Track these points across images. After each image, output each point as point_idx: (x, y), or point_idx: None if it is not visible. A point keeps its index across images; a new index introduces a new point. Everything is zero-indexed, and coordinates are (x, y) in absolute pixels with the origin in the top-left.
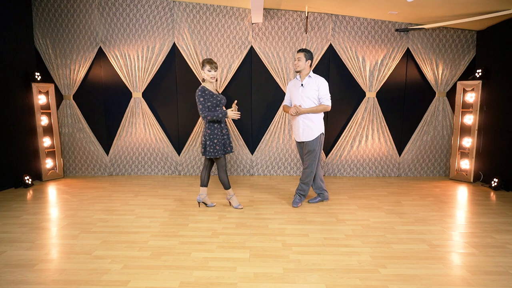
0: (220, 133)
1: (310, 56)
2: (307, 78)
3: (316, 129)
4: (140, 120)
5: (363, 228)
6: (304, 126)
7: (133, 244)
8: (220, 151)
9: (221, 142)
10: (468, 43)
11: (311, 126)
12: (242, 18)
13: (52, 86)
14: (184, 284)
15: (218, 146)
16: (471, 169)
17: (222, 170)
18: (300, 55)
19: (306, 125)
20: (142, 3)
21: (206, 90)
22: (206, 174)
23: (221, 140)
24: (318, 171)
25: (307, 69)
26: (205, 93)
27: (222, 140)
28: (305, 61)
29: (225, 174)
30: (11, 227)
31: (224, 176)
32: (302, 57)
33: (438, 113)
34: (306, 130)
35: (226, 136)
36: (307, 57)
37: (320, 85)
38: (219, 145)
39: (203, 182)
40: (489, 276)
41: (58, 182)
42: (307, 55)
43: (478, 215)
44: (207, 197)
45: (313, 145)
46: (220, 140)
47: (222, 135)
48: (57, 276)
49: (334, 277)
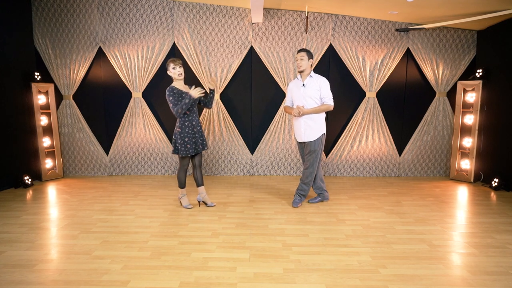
0: (191, 132)
1: (311, 56)
2: (309, 78)
3: (318, 129)
4: (140, 120)
5: (363, 228)
6: (306, 126)
7: (133, 244)
8: (191, 150)
9: (192, 140)
10: (469, 43)
11: (313, 127)
12: (242, 18)
13: (52, 86)
14: (184, 284)
15: (189, 145)
16: (471, 169)
17: (182, 169)
18: (302, 55)
19: (308, 125)
20: (142, 3)
21: (174, 89)
22: (198, 173)
23: (192, 139)
24: (318, 171)
25: (308, 68)
26: (174, 92)
27: (193, 138)
28: (307, 60)
29: (183, 173)
30: (10, 227)
31: (182, 175)
32: (304, 57)
33: (439, 113)
34: (308, 130)
35: (199, 134)
36: (309, 56)
37: (322, 84)
38: (190, 143)
39: (197, 181)
40: (489, 276)
41: (58, 182)
42: (309, 54)
43: (478, 215)
44: (206, 195)
45: (315, 145)
46: (191, 138)
47: (193, 133)
48: (57, 276)
49: (334, 277)
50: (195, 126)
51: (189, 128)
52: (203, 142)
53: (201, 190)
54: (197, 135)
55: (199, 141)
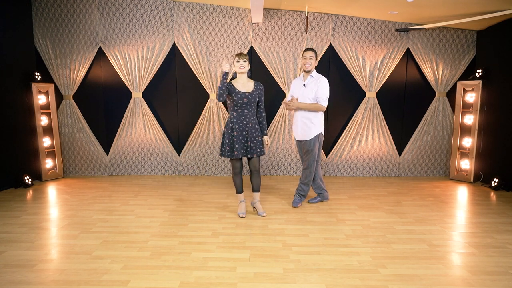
0: (230, 133)
1: (316, 55)
2: (309, 78)
3: (314, 129)
4: (140, 120)
5: (363, 228)
6: (303, 124)
7: (133, 244)
8: (229, 152)
9: (231, 142)
10: (468, 43)
11: (309, 126)
12: (242, 18)
13: (52, 86)
14: (184, 284)
15: (229, 147)
16: (471, 169)
17: (233, 172)
18: (312, 55)
19: (304, 124)
20: (142, 3)
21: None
22: (252, 178)
23: (231, 141)
24: (317, 171)
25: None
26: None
27: (231, 141)
28: (315, 60)
29: (235, 177)
30: (11, 227)
31: (235, 179)
32: (314, 57)
33: (438, 113)
34: (304, 129)
35: (238, 139)
36: (316, 56)
37: (320, 84)
38: (229, 145)
39: (251, 187)
40: (489, 276)
41: (58, 182)
42: (316, 54)
43: (478, 215)
44: (258, 203)
45: (311, 144)
46: (230, 140)
47: (232, 136)
48: (57, 276)
49: (334, 277)
50: (238, 129)
51: (230, 130)
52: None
53: (253, 196)
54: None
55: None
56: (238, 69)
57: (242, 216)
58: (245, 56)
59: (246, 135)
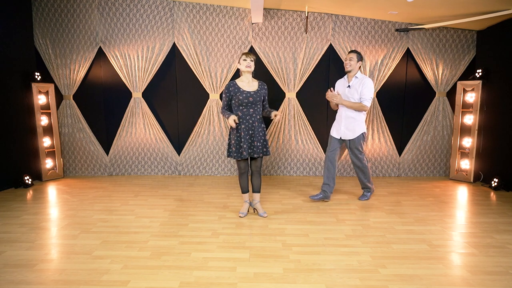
0: (236, 134)
1: (361, 57)
2: (354, 79)
3: (359, 127)
4: (140, 120)
5: (363, 228)
6: (347, 124)
7: (133, 244)
8: (235, 153)
9: (237, 143)
10: (468, 43)
11: (354, 124)
12: (242, 18)
13: (52, 86)
14: (184, 284)
15: (235, 148)
16: (471, 169)
17: (239, 173)
18: (352, 56)
19: (349, 123)
20: (142, 3)
21: (230, 87)
22: (252, 179)
23: (238, 142)
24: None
25: (356, 69)
26: (229, 90)
27: (238, 141)
28: (356, 61)
29: (241, 178)
30: (11, 227)
31: (241, 179)
32: (354, 57)
33: (438, 113)
34: (349, 128)
35: (245, 139)
36: (358, 58)
37: (364, 84)
38: (235, 146)
39: (252, 187)
40: (489, 276)
41: (58, 182)
42: (359, 56)
43: (478, 215)
44: (259, 204)
45: (358, 142)
46: (237, 141)
47: (239, 137)
48: (57, 276)
49: (334, 277)
50: (244, 129)
51: (236, 130)
52: (250, 148)
53: (254, 197)
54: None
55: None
56: (245, 67)
57: (241, 215)
58: (252, 56)
59: (253, 134)
